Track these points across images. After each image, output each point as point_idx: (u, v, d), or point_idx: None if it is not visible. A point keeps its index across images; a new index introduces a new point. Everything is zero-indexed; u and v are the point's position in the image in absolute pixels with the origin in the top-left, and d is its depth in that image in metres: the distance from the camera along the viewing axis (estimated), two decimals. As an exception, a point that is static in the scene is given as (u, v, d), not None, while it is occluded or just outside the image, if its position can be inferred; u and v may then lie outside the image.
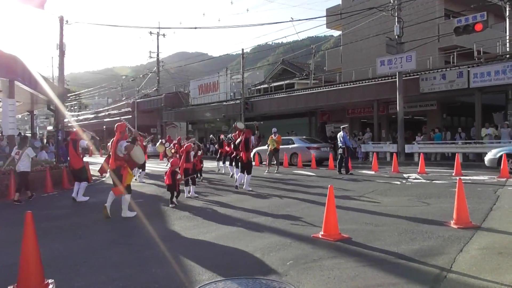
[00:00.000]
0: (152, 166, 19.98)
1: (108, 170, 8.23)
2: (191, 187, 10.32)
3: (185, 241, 5.67)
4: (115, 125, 7.94)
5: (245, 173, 11.19)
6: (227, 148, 14.72)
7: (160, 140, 19.12)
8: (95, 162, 20.19)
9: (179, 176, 9.23)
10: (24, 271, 3.64)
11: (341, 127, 16.01)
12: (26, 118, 56.16)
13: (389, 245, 5.10)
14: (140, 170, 14.36)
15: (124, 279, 4.11)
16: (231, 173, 14.39)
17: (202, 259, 4.74)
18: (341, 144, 14.97)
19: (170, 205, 8.77)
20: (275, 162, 16.84)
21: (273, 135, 16.70)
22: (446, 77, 18.71)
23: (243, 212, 7.76)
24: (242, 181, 11.26)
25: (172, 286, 3.92)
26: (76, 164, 10.33)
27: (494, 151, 13.94)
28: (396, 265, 4.39)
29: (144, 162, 14.48)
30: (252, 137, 12.32)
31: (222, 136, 16.47)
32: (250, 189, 10.98)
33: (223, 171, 16.00)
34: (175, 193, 9.01)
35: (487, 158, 13.97)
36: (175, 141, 15.73)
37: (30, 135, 19.41)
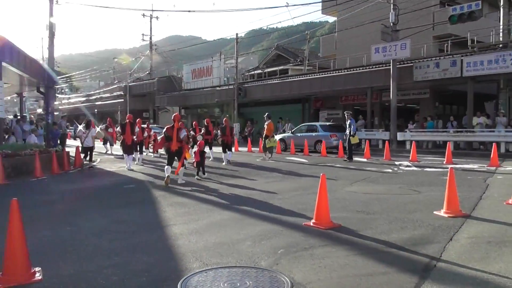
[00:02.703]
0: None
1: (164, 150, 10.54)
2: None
3: (176, 228, 5.63)
4: (174, 115, 10.29)
5: (228, 150, 14.32)
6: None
7: (100, 126, 21.57)
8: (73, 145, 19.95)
9: (207, 155, 11.27)
10: (9, 260, 3.58)
11: (346, 113, 15.41)
12: (15, 100, 55.32)
13: (380, 234, 5.11)
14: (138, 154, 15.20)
15: (113, 267, 4.07)
16: (211, 157, 15.62)
17: (193, 247, 4.72)
18: (353, 131, 14.75)
19: (196, 177, 10.65)
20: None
21: (265, 124, 16.00)
22: (439, 65, 18.69)
23: (235, 199, 7.74)
24: (229, 158, 14.32)
25: (163, 274, 3.88)
26: (128, 140, 13.27)
27: (277, 136, 20.01)
28: (386, 253, 4.40)
29: (141, 145, 14.94)
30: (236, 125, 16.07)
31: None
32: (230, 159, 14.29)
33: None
34: (201, 169, 10.90)
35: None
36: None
37: (19, 117, 19.11)
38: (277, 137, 20.01)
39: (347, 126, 15.01)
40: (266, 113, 16.48)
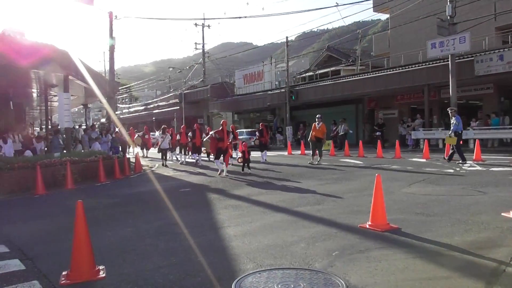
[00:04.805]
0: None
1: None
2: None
3: (230, 230, 5.70)
4: (222, 121, 12.91)
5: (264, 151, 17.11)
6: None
7: (138, 134, 25.21)
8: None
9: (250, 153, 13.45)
10: (76, 258, 3.83)
11: (450, 110, 14.10)
12: (82, 111, 59.07)
13: (441, 236, 4.85)
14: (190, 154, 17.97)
15: (169, 267, 4.20)
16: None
17: (247, 248, 4.75)
18: (452, 130, 13.47)
19: (244, 170, 12.93)
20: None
21: (316, 123, 15.40)
22: (504, 58, 17.53)
23: (288, 201, 7.71)
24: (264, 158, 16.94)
25: (217, 275, 3.94)
26: (198, 142, 16.80)
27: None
28: (448, 257, 4.17)
29: (200, 147, 17.03)
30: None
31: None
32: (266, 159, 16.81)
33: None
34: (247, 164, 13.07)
35: None
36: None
37: (84, 127, 20.50)
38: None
39: (452, 124, 13.65)
40: (318, 115, 16.06)
